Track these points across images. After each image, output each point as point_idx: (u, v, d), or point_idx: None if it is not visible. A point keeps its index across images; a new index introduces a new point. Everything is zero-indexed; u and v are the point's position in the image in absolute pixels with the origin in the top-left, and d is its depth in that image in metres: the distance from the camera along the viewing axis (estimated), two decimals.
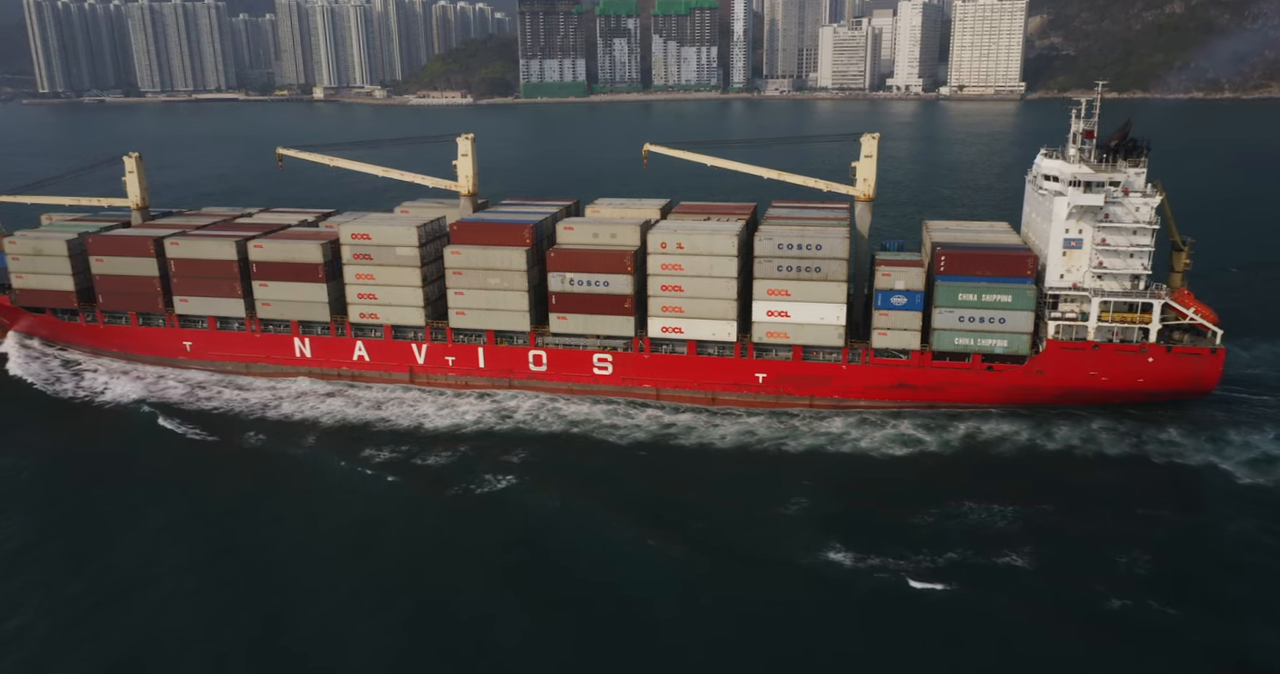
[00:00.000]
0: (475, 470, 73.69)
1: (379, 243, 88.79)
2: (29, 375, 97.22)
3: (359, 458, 76.45)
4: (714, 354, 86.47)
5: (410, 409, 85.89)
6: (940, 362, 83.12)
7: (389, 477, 73.43)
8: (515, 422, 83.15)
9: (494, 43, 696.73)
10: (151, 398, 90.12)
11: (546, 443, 79.23)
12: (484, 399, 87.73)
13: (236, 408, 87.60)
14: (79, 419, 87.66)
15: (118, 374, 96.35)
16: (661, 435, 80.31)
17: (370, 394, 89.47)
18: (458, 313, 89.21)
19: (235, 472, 75.84)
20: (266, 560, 62.18)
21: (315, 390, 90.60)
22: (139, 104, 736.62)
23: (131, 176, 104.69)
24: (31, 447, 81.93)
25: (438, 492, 71.15)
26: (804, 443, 78.57)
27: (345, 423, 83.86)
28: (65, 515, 69.17)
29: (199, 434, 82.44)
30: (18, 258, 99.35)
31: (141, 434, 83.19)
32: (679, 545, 63.19)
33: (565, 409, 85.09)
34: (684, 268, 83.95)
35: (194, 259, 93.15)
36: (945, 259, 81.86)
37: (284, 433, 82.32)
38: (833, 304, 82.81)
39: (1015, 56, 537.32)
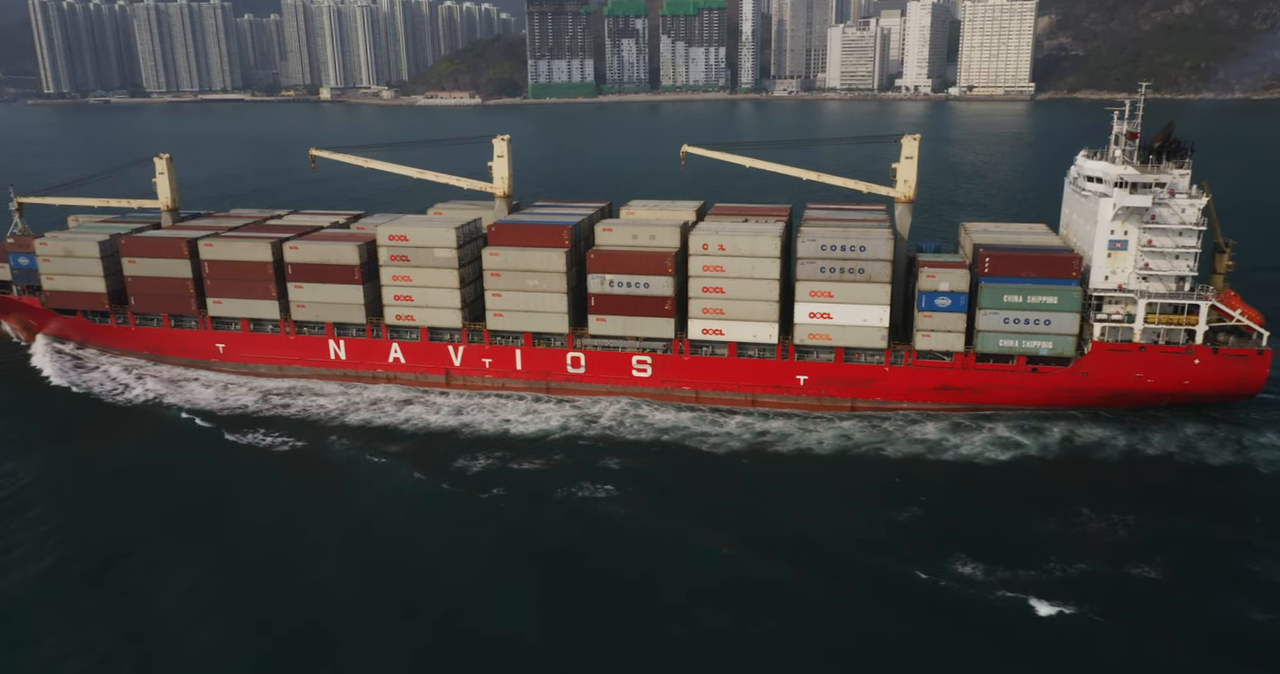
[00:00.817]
0: (574, 478, 71.66)
1: (416, 244, 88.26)
2: (63, 378, 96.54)
3: (454, 467, 74.34)
4: (754, 356, 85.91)
5: (492, 415, 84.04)
6: (984, 364, 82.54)
7: (491, 485, 71.33)
8: (601, 428, 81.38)
9: (501, 43, 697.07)
10: (224, 406, 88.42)
11: (640, 451, 77.27)
12: (564, 405, 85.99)
13: (315, 414, 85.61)
14: (143, 426, 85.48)
15: (189, 382, 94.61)
16: (757, 443, 78.65)
17: (449, 401, 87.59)
18: (495, 314, 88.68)
19: (328, 480, 73.64)
20: (369, 566, 61.27)
21: (390, 397, 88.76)
22: (144, 104, 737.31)
23: (162, 178, 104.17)
24: (96, 455, 79.84)
25: (540, 499, 69.19)
26: (902, 449, 77.13)
27: (429, 429, 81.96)
28: (161, 528, 67.27)
29: (285, 441, 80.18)
30: (48, 259, 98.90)
31: (216, 443, 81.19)
32: (790, 561, 60.91)
33: (652, 416, 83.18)
34: (725, 269, 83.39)
35: (228, 261, 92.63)
36: (990, 261, 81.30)
37: (368, 439, 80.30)
38: (876, 306, 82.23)
39: (1025, 57, 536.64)
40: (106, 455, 79.54)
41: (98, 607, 57.41)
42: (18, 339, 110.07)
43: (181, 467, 77.49)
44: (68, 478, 75.65)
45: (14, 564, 62.09)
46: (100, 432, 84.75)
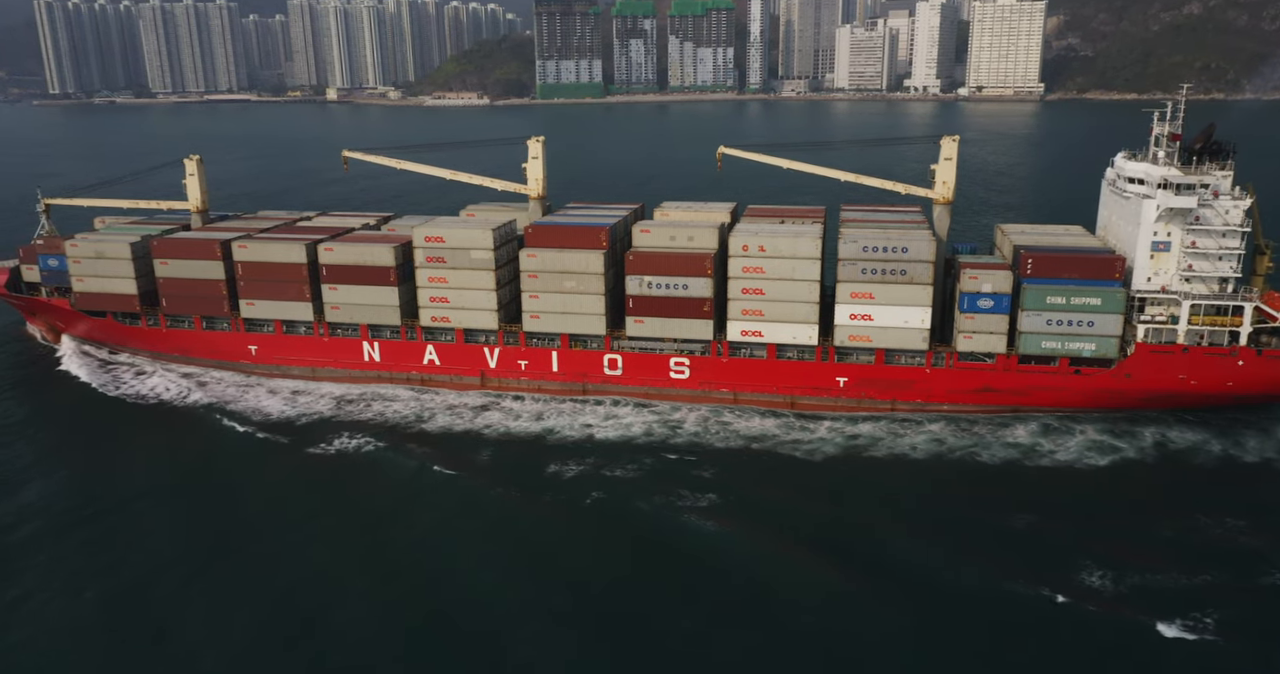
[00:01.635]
0: (670, 487, 70.40)
1: (453, 246, 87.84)
2: (93, 380, 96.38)
3: (547, 473, 73.34)
4: (793, 358, 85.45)
5: (572, 420, 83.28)
6: (1025, 365, 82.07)
7: (588, 490, 70.29)
8: (687, 435, 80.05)
9: (509, 43, 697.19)
10: (295, 412, 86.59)
11: (732, 459, 76.09)
12: (643, 410, 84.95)
13: (390, 420, 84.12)
14: (197, 430, 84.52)
15: (256, 388, 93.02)
16: (850, 447, 77.80)
17: (526, 406, 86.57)
18: (532, 316, 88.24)
19: (416, 487, 72.27)
20: (465, 576, 60.53)
21: (466, 402, 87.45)
22: (150, 105, 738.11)
23: (192, 179, 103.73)
24: (144, 458, 79.24)
25: (639, 507, 67.78)
26: (998, 454, 76.14)
27: (512, 435, 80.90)
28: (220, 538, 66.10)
29: (363, 447, 78.69)
30: (79, 261, 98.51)
31: (294, 452, 79.11)
32: (905, 577, 58.99)
33: (736, 424, 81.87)
34: (765, 271, 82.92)
35: (262, 262, 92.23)
36: (1033, 262, 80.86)
37: (454, 446, 78.92)
38: (918, 307, 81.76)
39: (1034, 57, 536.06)
40: (169, 463, 78.48)
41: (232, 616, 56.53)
42: (44, 340, 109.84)
43: (260, 475, 75.78)
44: (125, 486, 74.13)
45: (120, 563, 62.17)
46: (150, 435, 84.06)
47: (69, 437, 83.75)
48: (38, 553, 63.24)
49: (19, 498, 71.01)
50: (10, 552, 63.31)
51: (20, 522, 67.28)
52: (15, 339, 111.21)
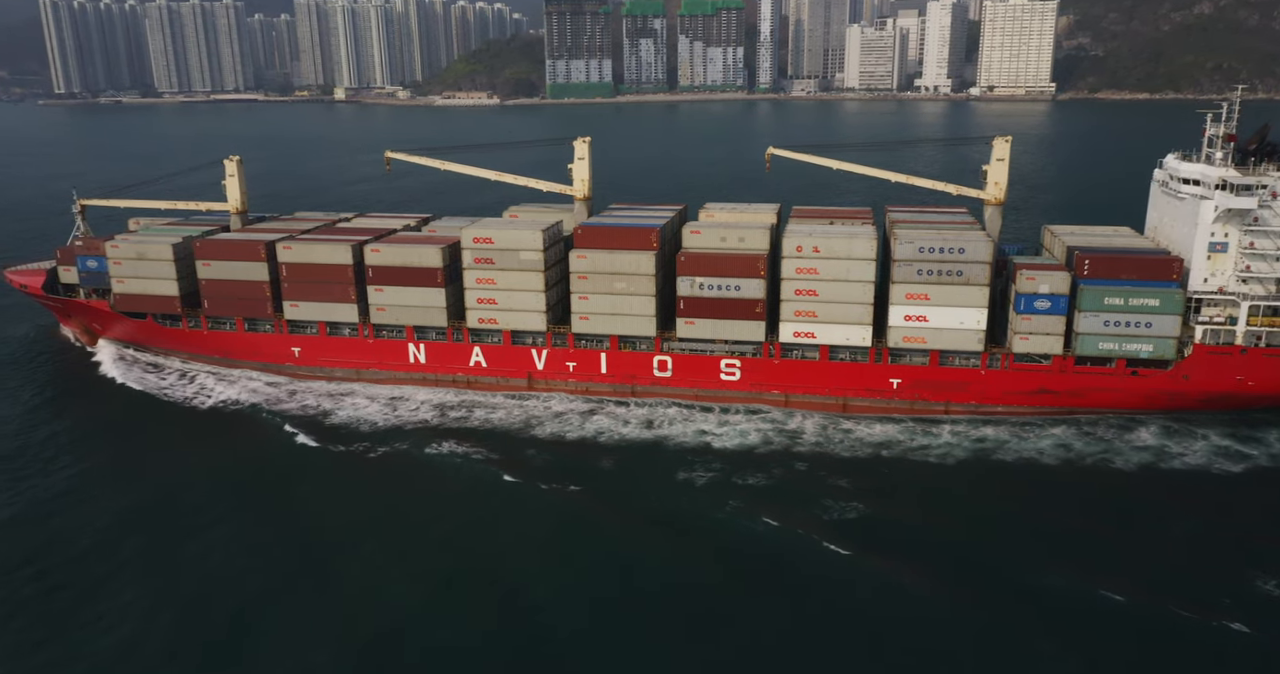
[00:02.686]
0: (814, 496, 68.58)
1: (501, 247, 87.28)
2: (137, 382, 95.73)
3: (678, 481, 71.70)
4: (846, 359, 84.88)
5: (684, 426, 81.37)
6: (1082, 366, 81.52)
7: (727, 499, 68.51)
8: (809, 443, 78.23)
9: (518, 43, 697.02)
10: (401, 418, 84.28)
11: (866, 468, 74.15)
12: (756, 416, 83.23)
13: (499, 428, 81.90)
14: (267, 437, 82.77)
15: (319, 394, 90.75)
16: (978, 451, 76.53)
17: (632, 412, 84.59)
18: (581, 318, 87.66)
19: (552, 504, 69.70)
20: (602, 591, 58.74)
21: (574, 409, 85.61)
22: (156, 105, 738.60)
23: (232, 180, 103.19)
24: (206, 466, 77.29)
25: (784, 517, 65.71)
26: (1131, 459, 74.72)
27: (627, 442, 79.07)
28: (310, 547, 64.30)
29: (478, 453, 76.67)
30: (119, 262, 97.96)
31: (405, 462, 76.46)
32: (1072, 600, 56.44)
33: (858, 430, 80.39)
34: (820, 272, 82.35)
35: (307, 264, 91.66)
36: (1089, 263, 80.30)
37: (577, 455, 76.97)
38: (974, 308, 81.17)
39: (1046, 57, 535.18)
40: (238, 471, 76.58)
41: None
42: (78, 342, 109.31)
43: (360, 487, 73.15)
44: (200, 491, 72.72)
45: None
46: (213, 441, 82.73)
47: (126, 442, 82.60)
48: (115, 566, 61.57)
49: (93, 508, 69.24)
50: (86, 563, 61.79)
51: (91, 534, 65.84)
52: (50, 341, 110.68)
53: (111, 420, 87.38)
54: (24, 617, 56.02)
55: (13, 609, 56.68)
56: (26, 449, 79.67)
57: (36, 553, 62.97)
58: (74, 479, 74.04)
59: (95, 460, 78.17)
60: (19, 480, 73.69)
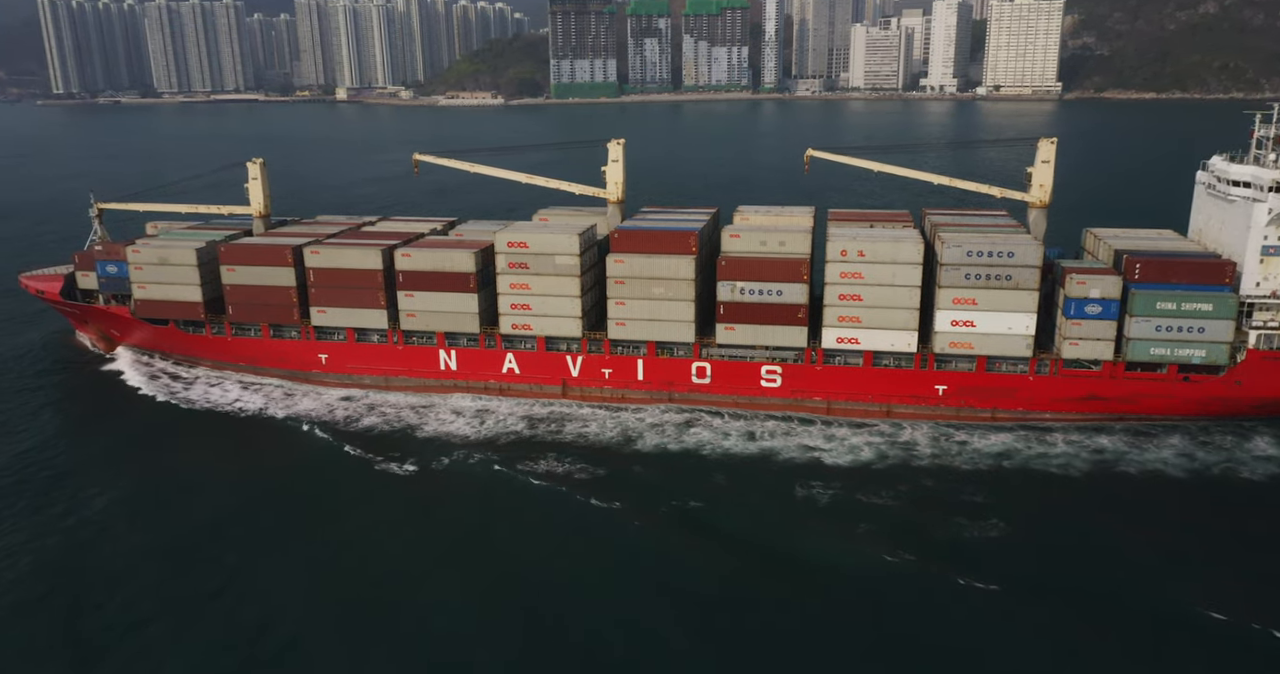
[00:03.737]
0: (948, 514, 65.63)
1: (536, 251, 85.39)
2: (155, 391, 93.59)
3: (798, 498, 68.47)
4: (890, 365, 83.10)
5: (786, 440, 78.10)
6: (1132, 372, 79.80)
7: (860, 520, 65.27)
8: (927, 456, 75.35)
9: (520, 42, 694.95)
10: (479, 434, 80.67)
11: (988, 481, 71.30)
12: (863, 430, 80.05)
13: (600, 440, 78.92)
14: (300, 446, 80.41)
15: (435, 407, 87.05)
16: (1098, 463, 74.13)
17: (731, 425, 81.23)
18: (617, 323, 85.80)
19: (672, 526, 66.01)
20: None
21: (669, 420, 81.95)
22: (156, 105, 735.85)
23: (255, 183, 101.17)
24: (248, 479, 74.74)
25: (926, 537, 63.16)
26: (1259, 470, 72.18)
27: (732, 456, 75.82)
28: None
29: (581, 469, 73.26)
30: (141, 267, 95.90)
31: (490, 479, 72.96)
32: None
33: (974, 442, 77.43)
34: (864, 276, 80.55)
35: (336, 269, 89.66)
36: (1141, 267, 78.52)
37: (686, 470, 73.53)
38: (1022, 313, 79.43)
39: (1052, 57, 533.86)
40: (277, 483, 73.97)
41: None
42: (94, 348, 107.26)
43: (463, 508, 69.60)
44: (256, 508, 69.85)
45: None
46: (248, 451, 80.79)
47: (158, 456, 79.98)
48: (152, 584, 59.27)
49: (130, 534, 66.22)
50: (126, 597, 58.67)
51: (129, 563, 63.10)
52: (65, 348, 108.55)
53: (140, 433, 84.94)
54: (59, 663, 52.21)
55: (49, 649, 53.39)
56: (52, 465, 76.87)
57: (65, 587, 59.04)
58: (107, 501, 70.41)
59: (128, 476, 75.63)
60: (42, 507, 69.21)
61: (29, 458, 77.96)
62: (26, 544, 63.86)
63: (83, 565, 61.64)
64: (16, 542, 64.05)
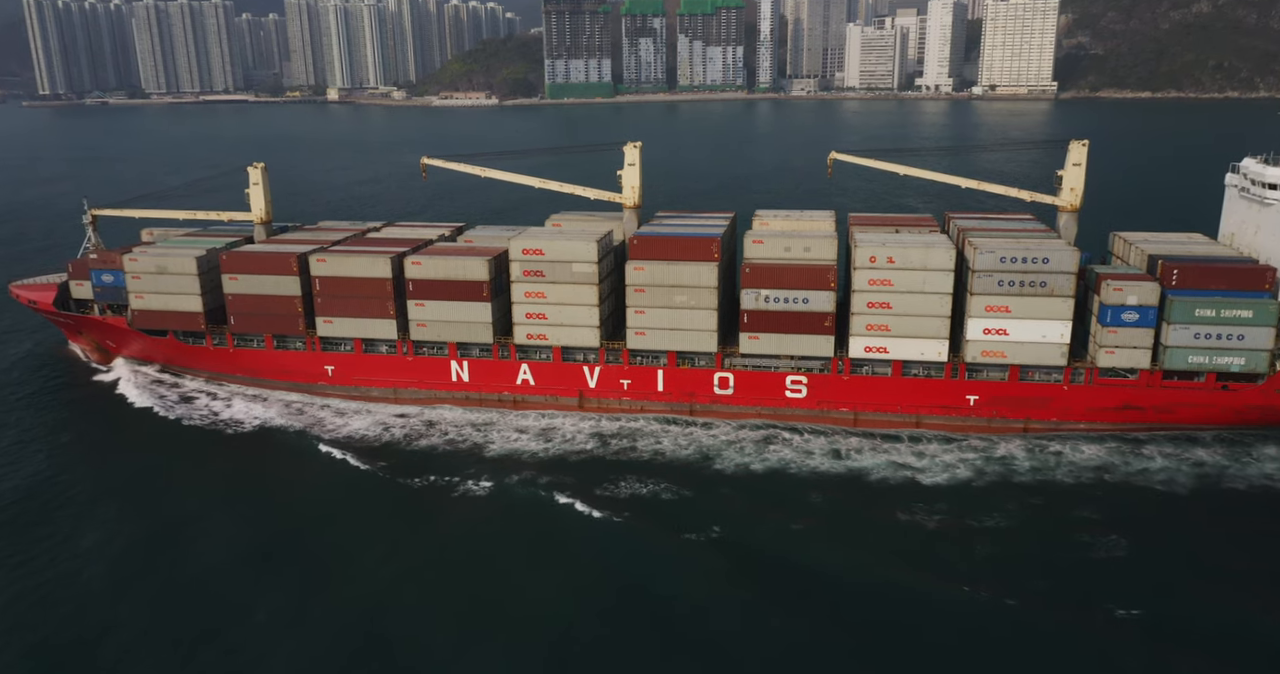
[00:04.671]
0: (1068, 533, 63.04)
1: (553, 259, 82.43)
2: (159, 405, 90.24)
3: (900, 523, 64.71)
4: (919, 375, 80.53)
5: (874, 458, 74.44)
6: (1169, 381, 77.47)
7: (975, 543, 62.13)
8: (1024, 470, 72.37)
9: (514, 43, 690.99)
10: (549, 454, 76.65)
11: (1095, 496, 68.73)
12: (954, 445, 76.84)
13: (678, 458, 74.80)
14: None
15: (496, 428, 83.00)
16: (1200, 476, 71.30)
17: (816, 443, 77.55)
18: (637, 333, 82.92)
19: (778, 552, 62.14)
20: None
21: (744, 437, 78.64)
22: (144, 106, 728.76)
23: (256, 188, 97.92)
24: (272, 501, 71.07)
25: (1048, 561, 60.17)
26: None
27: (820, 475, 72.04)
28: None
29: (662, 494, 69.18)
30: (138, 276, 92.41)
31: (549, 508, 68.32)
32: None
33: (1068, 454, 74.90)
34: (894, 283, 77.91)
35: (343, 277, 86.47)
36: (1178, 273, 76.15)
37: (778, 491, 69.59)
38: (1057, 321, 76.92)
39: (1047, 56, 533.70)
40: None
41: None
42: (87, 359, 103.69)
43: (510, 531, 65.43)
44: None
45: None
46: (259, 469, 77.13)
47: (160, 474, 76.81)
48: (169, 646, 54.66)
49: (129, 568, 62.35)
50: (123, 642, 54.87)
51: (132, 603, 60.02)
52: (59, 361, 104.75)
53: (142, 450, 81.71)
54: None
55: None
56: (42, 493, 72.39)
57: (60, 628, 54.50)
58: (101, 537, 65.38)
59: (127, 503, 71.73)
60: (39, 540, 64.70)
61: (18, 483, 73.65)
62: (6, 587, 58.58)
63: (76, 609, 56.40)
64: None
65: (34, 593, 58.13)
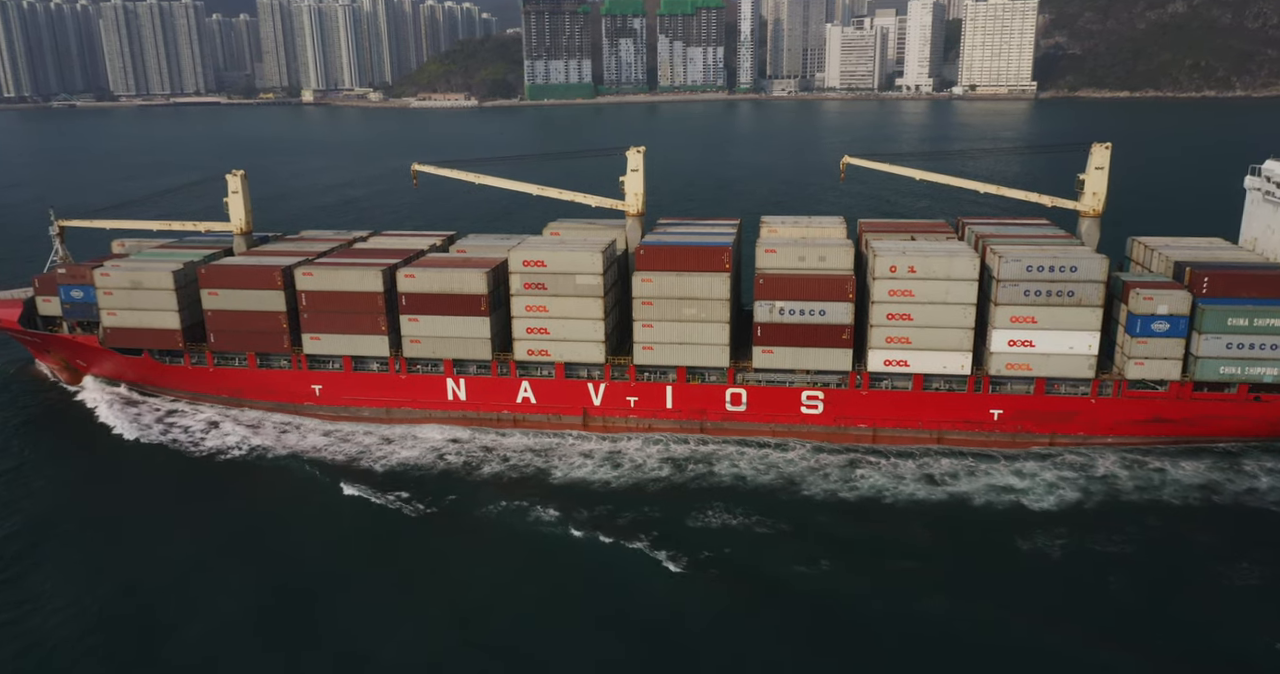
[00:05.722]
0: (1221, 558, 59.84)
1: (555, 270, 78.06)
2: (134, 428, 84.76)
3: (1021, 552, 61.21)
4: (941, 389, 77.03)
5: (973, 481, 70.56)
6: (1200, 393, 74.53)
7: (1106, 575, 58.98)
8: (1127, 490, 69.28)
9: (492, 43, 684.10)
10: (621, 483, 71.75)
11: (1222, 518, 65.69)
12: (1047, 460, 73.10)
13: (761, 486, 70.08)
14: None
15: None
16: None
17: (903, 466, 73.26)
18: (645, 347, 78.74)
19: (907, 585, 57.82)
20: None
21: (826, 461, 74.50)
22: (113, 108, 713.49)
23: (236, 197, 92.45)
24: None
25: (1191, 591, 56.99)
26: None
27: (917, 502, 67.76)
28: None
29: (756, 527, 64.62)
30: (110, 292, 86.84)
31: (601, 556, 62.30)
32: None
33: (1171, 471, 71.59)
34: (915, 294, 74.32)
35: (331, 291, 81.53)
36: (1209, 281, 73.19)
37: (877, 521, 65.23)
38: (1085, 332, 73.77)
39: (1027, 56, 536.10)
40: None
41: None
42: (55, 379, 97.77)
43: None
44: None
45: None
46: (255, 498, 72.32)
47: (140, 505, 71.81)
48: None
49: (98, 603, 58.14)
50: None
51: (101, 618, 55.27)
52: (25, 380, 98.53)
53: (122, 477, 76.47)
54: None
55: None
56: (15, 523, 67.65)
57: None
58: (70, 580, 60.52)
59: (100, 538, 66.83)
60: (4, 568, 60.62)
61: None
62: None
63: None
64: None
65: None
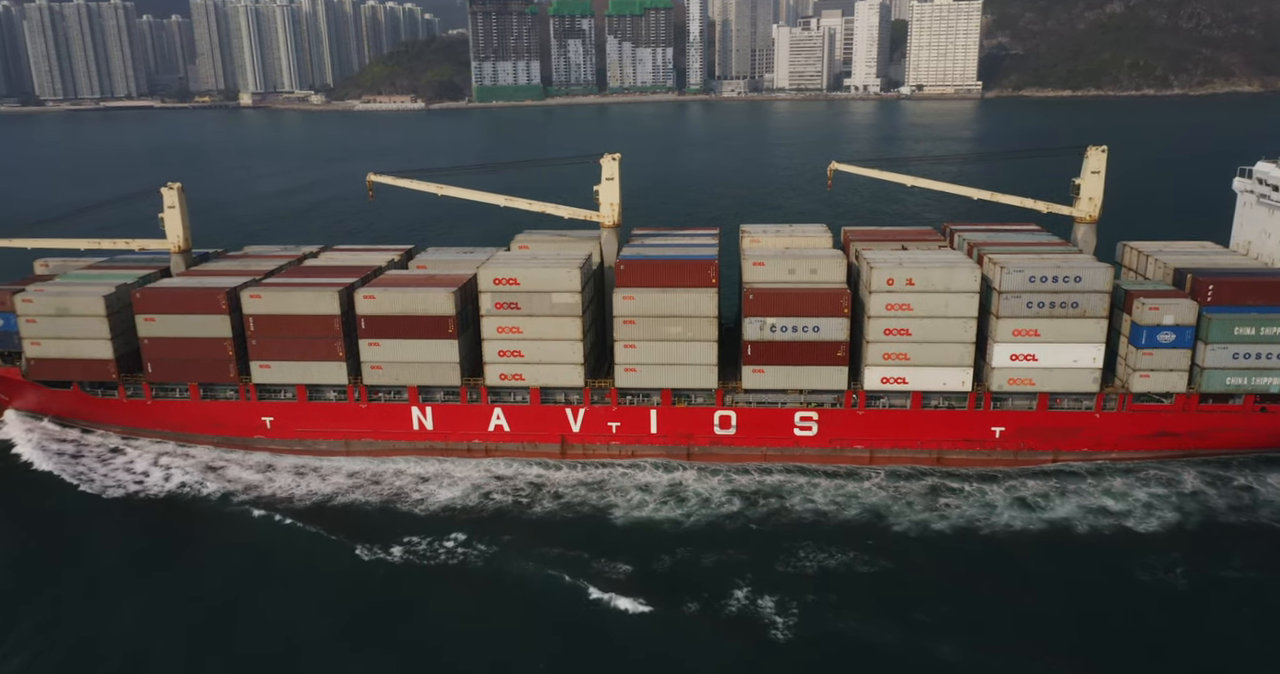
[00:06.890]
0: None
1: (529, 288, 72.23)
2: (61, 469, 76.72)
3: (1151, 585, 57.79)
4: (940, 406, 73.21)
5: (1064, 502, 67.13)
6: (1205, 405, 71.98)
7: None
8: (1224, 508, 66.21)
9: (438, 44, 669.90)
10: (691, 524, 65.63)
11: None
12: (1130, 476, 69.89)
13: (844, 520, 65.49)
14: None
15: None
16: None
17: (991, 491, 68.99)
18: (627, 369, 73.40)
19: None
20: None
21: (905, 489, 69.71)
22: (39, 114, 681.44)
23: (172, 211, 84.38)
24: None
25: None
26: None
27: (1020, 534, 63.55)
28: None
29: (855, 565, 60.24)
30: (34, 320, 78.34)
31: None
32: None
33: (1258, 488, 68.74)
34: (914, 308, 70.32)
35: (282, 315, 74.46)
36: (1214, 289, 70.55)
37: (971, 555, 61.20)
38: (1089, 344, 70.55)
39: (972, 56, 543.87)
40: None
41: None
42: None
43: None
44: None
45: None
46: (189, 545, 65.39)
47: (63, 556, 64.49)
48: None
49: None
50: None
51: None
52: None
53: (39, 524, 68.63)
54: None
55: None
56: None
57: None
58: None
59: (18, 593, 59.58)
60: None
61: None
62: None
63: None
64: None
65: None
